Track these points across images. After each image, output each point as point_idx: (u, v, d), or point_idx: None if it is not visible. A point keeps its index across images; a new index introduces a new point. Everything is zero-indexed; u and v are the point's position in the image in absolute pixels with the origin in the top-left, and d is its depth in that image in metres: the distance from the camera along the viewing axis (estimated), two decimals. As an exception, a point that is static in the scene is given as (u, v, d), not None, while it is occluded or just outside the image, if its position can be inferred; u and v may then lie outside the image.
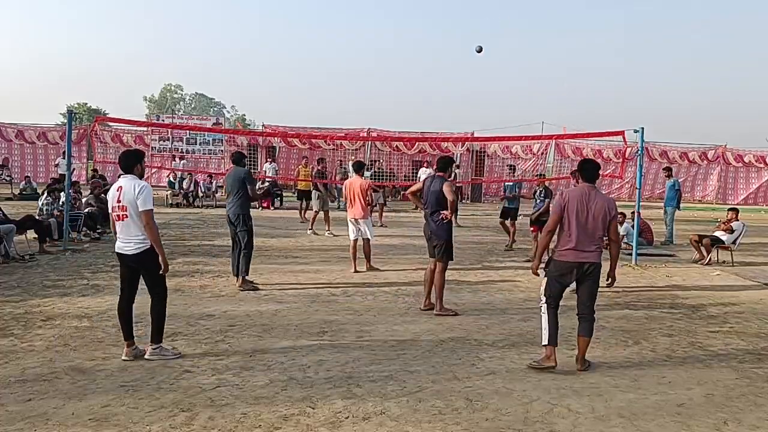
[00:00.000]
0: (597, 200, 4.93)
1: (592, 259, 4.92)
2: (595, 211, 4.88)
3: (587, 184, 5.07)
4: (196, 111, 78.74)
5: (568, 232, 4.92)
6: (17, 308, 6.40)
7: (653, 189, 27.05)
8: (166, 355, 5.00)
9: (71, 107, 47.73)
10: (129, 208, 4.86)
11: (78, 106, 54.56)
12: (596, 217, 4.88)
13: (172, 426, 3.79)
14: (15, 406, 4.01)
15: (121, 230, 4.97)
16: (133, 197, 4.83)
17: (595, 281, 5.00)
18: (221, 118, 43.54)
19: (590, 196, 4.94)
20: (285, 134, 22.38)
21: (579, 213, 4.89)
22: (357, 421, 3.93)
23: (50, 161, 25.30)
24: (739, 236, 10.86)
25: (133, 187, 4.86)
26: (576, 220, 4.89)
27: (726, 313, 7.11)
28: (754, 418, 4.18)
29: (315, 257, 10.22)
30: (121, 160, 5.11)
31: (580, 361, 4.99)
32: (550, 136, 22.42)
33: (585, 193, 4.97)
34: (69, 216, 10.73)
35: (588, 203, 4.91)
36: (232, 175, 7.89)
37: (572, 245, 4.90)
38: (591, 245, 4.91)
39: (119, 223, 4.96)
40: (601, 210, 4.90)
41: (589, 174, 5.11)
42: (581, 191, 5.03)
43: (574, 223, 4.89)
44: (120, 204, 4.91)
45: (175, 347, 5.19)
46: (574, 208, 4.90)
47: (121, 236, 4.98)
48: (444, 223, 6.61)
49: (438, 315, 6.58)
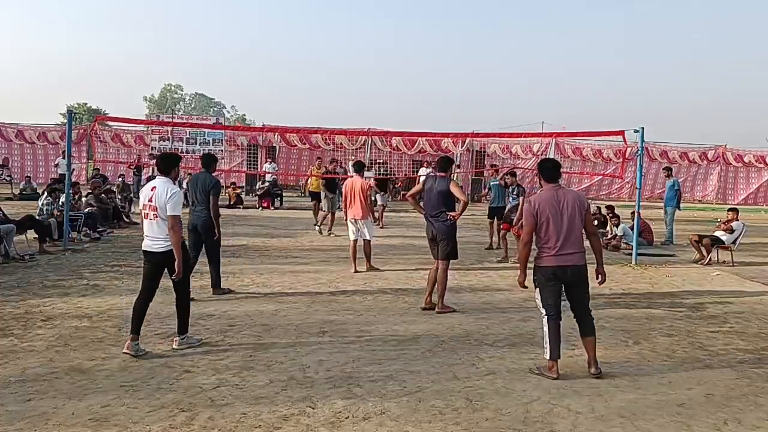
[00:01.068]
0: (567, 198, 4.83)
1: (575, 261, 4.78)
2: (570, 210, 4.78)
3: (552, 185, 4.93)
4: (196, 111, 78.71)
5: (546, 238, 4.79)
6: (17, 308, 6.40)
7: (653, 189, 27.04)
8: (192, 343, 5.32)
9: (71, 107, 47.70)
10: (159, 210, 5.09)
11: (78, 106, 54.56)
12: (572, 216, 4.77)
13: (172, 426, 3.79)
14: (15, 406, 4.01)
15: (149, 229, 5.20)
16: (164, 201, 5.05)
17: (583, 282, 4.88)
18: (221, 118, 43.55)
19: (559, 196, 4.83)
20: (284, 130, 22.36)
21: (554, 216, 4.76)
22: (357, 421, 3.93)
23: (50, 161, 25.30)
24: (739, 236, 10.86)
25: (166, 191, 5.08)
26: (553, 224, 4.76)
27: (726, 313, 7.11)
28: (754, 418, 4.18)
29: (315, 257, 10.22)
30: (160, 162, 5.37)
31: (593, 364, 4.81)
32: (550, 134, 22.41)
33: (553, 194, 4.84)
34: (69, 216, 10.74)
35: (559, 204, 4.79)
36: (200, 182, 7.21)
37: (553, 250, 4.77)
38: (572, 247, 4.77)
39: (147, 221, 5.19)
40: (574, 207, 4.79)
41: (550, 173, 4.96)
42: (550, 194, 4.87)
43: (552, 228, 4.76)
44: (151, 204, 5.13)
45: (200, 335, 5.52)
46: (546, 212, 4.77)
47: (149, 234, 5.21)
48: (451, 223, 6.66)
49: (440, 313, 6.62)
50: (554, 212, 4.77)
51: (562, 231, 4.76)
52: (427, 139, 24.25)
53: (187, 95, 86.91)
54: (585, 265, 4.85)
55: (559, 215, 4.77)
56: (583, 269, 4.84)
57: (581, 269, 4.82)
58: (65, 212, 10.65)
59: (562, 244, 4.75)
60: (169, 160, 5.41)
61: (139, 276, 8.13)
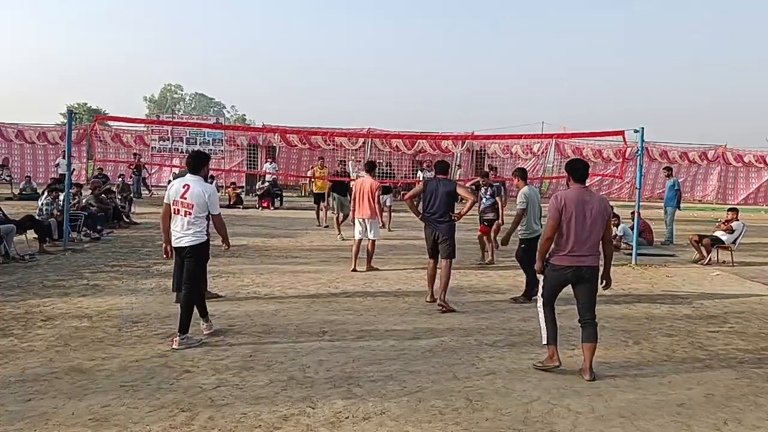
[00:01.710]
0: (594, 202, 4.83)
1: (590, 263, 4.80)
2: (594, 214, 4.78)
3: (580, 186, 4.93)
4: (196, 111, 78.73)
5: (566, 236, 4.78)
6: (17, 308, 6.40)
7: (653, 189, 27.05)
8: (192, 344, 5.32)
9: (71, 107, 47.70)
10: (196, 207, 5.33)
11: (78, 106, 54.54)
12: (595, 220, 4.78)
13: (172, 426, 3.79)
14: (15, 406, 4.01)
15: (181, 225, 5.39)
16: (204, 200, 5.33)
17: (593, 284, 4.88)
18: (221, 118, 43.53)
19: (586, 198, 4.83)
20: (284, 131, 22.36)
21: (578, 217, 4.76)
22: (357, 421, 3.93)
23: (50, 161, 25.31)
24: (739, 236, 10.86)
25: (204, 191, 5.36)
26: (575, 223, 4.76)
27: (726, 313, 7.11)
28: (754, 418, 4.18)
29: (315, 257, 10.22)
30: (191, 160, 5.54)
31: (588, 371, 4.77)
32: (550, 135, 22.43)
33: (581, 195, 4.84)
34: (69, 216, 10.73)
35: (585, 206, 4.78)
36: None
37: (570, 249, 4.78)
38: (588, 249, 4.79)
39: (181, 217, 5.37)
40: (599, 212, 4.80)
41: (580, 174, 4.97)
42: (578, 194, 4.85)
43: (573, 227, 4.76)
44: (187, 201, 5.34)
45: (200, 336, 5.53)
46: (572, 211, 4.76)
47: (179, 230, 5.40)
48: (452, 224, 7.00)
49: (441, 306, 6.77)
50: (579, 211, 4.77)
51: (583, 232, 4.76)
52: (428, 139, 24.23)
53: (187, 95, 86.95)
54: (598, 267, 4.87)
55: (583, 215, 4.77)
56: (596, 270, 4.86)
57: (594, 270, 4.84)
58: (65, 212, 10.65)
59: (581, 245, 4.76)
60: (198, 158, 5.56)
61: (139, 276, 8.17)
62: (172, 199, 5.44)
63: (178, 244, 5.43)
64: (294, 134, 24.41)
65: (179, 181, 5.54)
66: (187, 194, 5.33)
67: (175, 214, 5.41)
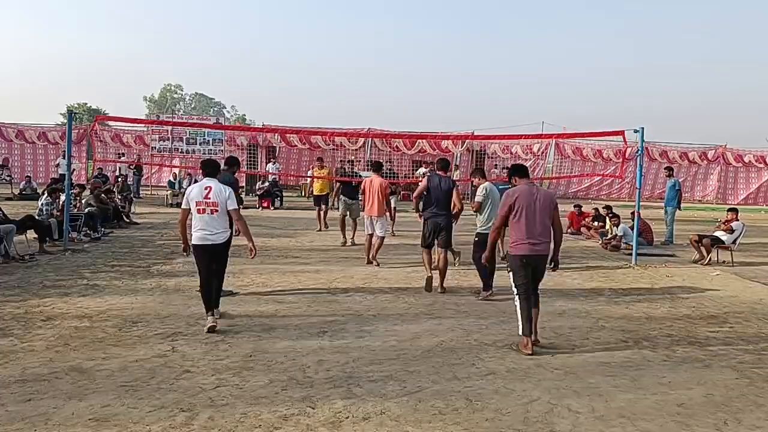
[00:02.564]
0: (540, 194, 5.55)
1: (543, 250, 5.46)
2: (542, 205, 5.44)
3: (527, 181, 5.70)
4: (196, 111, 78.78)
5: (519, 226, 5.43)
6: (17, 308, 6.40)
7: (653, 189, 27.05)
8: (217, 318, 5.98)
9: (71, 107, 47.72)
10: (220, 205, 5.90)
11: (78, 106, 54.56)
12: (543, 209, 5.44)
13: (172, 426, 3.79)
14: (15, 406, 4.00)
15: (207, 223, 5.89)
16: (224, 198, 5.93)
17: (544, 266, 5.58)
18: (221, 118, 43.49)
19: (534, 192, 5.53)
20: (284, 131, 22.35)
21: (528, 207, 5.42)
22: (357, 421, 3.93)
23: (50, 161, 25.30)
24: (739, 236, 10.86)
25: (223, 190, 5.96)
26: (526, 213, 5.41)
27: (726, 313, 7.11)
28: (754, 418, 4.18)
29: (315, 257, 10.21)
30: (206, 166, 6.16)
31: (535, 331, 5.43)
32: (550, 135, 22.42)
33: (529, 189, 5.54)
34: (69, 216, 10.73)
35: (534, 198, 5.46)
36: None
37: (525, 237, 5.41)
38: (540, 236, 5.43)
39: (206, 216, 5.89)
40: (546, 202, 5.49)
41: (525, 172, 5.80)
42: (527, 188, 5.56)
43: (524, 217, 5.41)
44: (210, 200, 5.89)
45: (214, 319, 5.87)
46: (523, 204, 5.43)
47: (206, 228, 5.89)
48: (450, 218, 7.80)
49: (444, 290, 7.53)
50: (528, 203, 5.43)
51: (535, 221, 5.42)
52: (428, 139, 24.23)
53: (187, 95, 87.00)
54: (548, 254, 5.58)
55: (533, 207, 5.43)
56: (547, 257, 5.57)
57: (546, 257, 5.55)
58: (65, 212, 10.64)
59: (534, 234, 5.41)
60: (214, 166, 6.24)
61: (139, 276, 8.17)
62: (193, 200, 5.91)
63: (206, 241, 5.90)
64: (294, 134, 24.40)
65: (201, 184, 6.02)
66: (210, 194, 5.90)
67: (201, 213, 5.87)
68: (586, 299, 7.57)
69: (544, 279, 5.68)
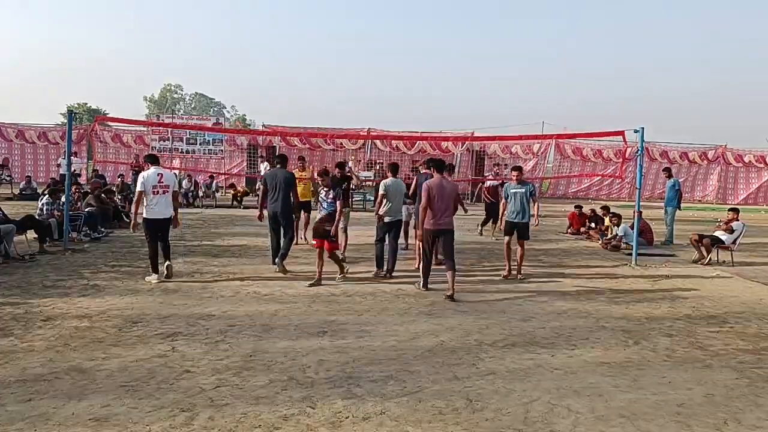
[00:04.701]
0: (447, 186, 7.57)
1: (446, 225, 7.50)
2: (448, 194, 7.49)
3: (439, 175, 7.62)
4: (196, 111, 78.74)
5: (431, 209, 7.43)
6: (17, 308, 6.40)
7: (653, 189, 27.05)
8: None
9: (71, 107, 47.71)
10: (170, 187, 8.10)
11: (78, 106, 54.52)
12: (449, 197, 7.50)
13: (172, 426, 3.79)
14: (15, 406, 4.01)
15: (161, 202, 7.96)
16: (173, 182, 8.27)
17: (451, 238, 7.56)
18: (221, 118, 43.49)
19: (444, 184, 7.51)
20: (285, 133, 22.35)
21: (438, 196, 7.40)
22: (357, 421, 3.93)
23: (50, 161, 25.31)
24: (739, 236, 10.85)
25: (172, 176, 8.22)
26: (436, 200, 7.40)
27: (726, 313, 7.11)
28: (754, 418, 4.18)
29: (315, 257, 10.17)
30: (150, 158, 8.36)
31: (451, 288, 7.26)
32: (550, 135, 22.43)
33: (440, 182, 7.52)
34: (69, 216, 10.73)
35: (442, 188, 7.45)
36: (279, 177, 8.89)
37: (434, 218, 7.44)
38: (445, 217, 7.48)
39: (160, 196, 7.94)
40: (451, 192, 7.56)
41: (441, 166, 7.77)
42: (439, 180, 7.54)
43: (436, 203, 7.40)
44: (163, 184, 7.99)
45: None
46: (435, 191, 7.39)
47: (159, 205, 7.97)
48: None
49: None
50: (440, 192, 7.42)
51: (442, 206, 7.44)
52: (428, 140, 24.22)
53: (187, 95, 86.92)
54: (452, 228, 7.60)
55: (441, 195, 7.42)
56: (451, 229, 7.58)
57: (450, 229, 7.56)
58: (65, 212, 10.64)
59: (441, 214, 7.45)
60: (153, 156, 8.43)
61: (139, 276, 8.17)
62: (150, 186, 7.85)
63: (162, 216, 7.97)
64: (294, 137, 24.41)
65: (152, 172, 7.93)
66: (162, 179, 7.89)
67: (156, 194, 7.86)
68: (586, 299, 7.57)
69: (544, 279, 5.83)
